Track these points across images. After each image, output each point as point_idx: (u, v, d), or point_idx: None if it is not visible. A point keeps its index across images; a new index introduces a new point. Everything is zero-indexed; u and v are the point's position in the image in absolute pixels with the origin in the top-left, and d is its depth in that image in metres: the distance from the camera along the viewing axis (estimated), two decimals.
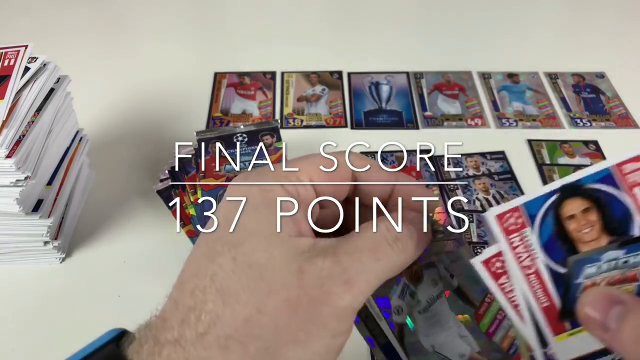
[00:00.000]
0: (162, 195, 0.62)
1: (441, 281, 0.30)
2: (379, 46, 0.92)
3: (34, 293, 0.56)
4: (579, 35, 0.96)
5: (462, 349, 0.29)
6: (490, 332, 0.29)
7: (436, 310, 0.30)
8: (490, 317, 0.29)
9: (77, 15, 0.99)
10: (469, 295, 0.29)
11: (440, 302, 0.30)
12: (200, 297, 0.24)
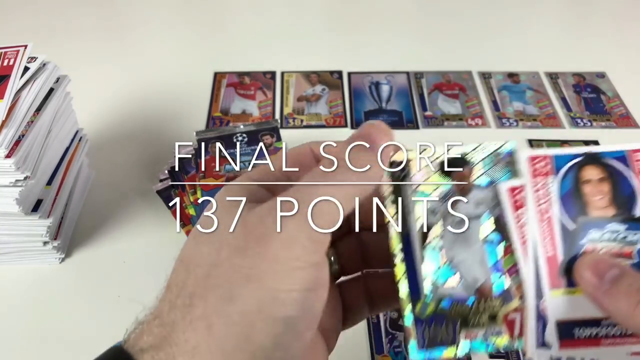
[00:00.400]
0: (162, 195, 0.62)
1: (485, 205, 0.29)
2: (379, 46, 0.92)
3: (33, 293, 0.56)
4: (579, 35, 0.96)
5: (478, 275, 0.29)
6: (511, 271, 0.29)
7: (469, 228, 0.29)
8: (517, 257, 0.28)
9: (77, 15, 0.99)
10: (505, 230, 0.29)
11: (475, 222, 0.29)
12: (172, 276, 0.27)
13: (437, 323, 0.28)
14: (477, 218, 0.29)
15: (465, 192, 0.30)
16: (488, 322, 0.28)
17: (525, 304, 0.28)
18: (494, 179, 0.29)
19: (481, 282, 0.29)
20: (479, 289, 0.29)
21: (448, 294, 0.29)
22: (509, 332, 0.28)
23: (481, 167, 0.30)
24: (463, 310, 0.28)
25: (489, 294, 0.28)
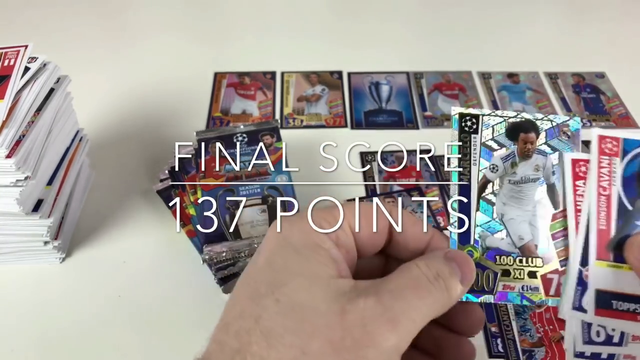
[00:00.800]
0: (162, 195, 0.62)
1: (543, 171, 0.32)
2: (379, 46, 0.92)
3: (34, 293, 0.56)
4: (579, 35, 0.96)
5: (524, 234, 0.31)
6: (555, 236, 0.31)
7: (524, 190, 0.32)
8: (563, 225, 0.31)
9: (77, 15, 0.99)
10: (556, 197, 0.31)
11: (531, 185, 0.32)
12: (245, 339, 0.25)
13: (480, 270, 0.30)
14: (533, 182, 0.32)
15: (527, 156, 0.32)
16: (527, 278, 0.30)
17: (567, 268, 0.30)
18: (556, 149, 0.32)
19: (526, 240, 0.31)
20: (524, 247, 0.31)
21: (495, 245, 0.31)
22: (544, 290, 0.30)
23: (546, 136, 0.32)
24: (506, 262, 0.31)
25: (532, 252, 0.31)
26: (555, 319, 0.53)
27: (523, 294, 0.30)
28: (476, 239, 0.31)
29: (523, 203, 0.32)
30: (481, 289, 0.30)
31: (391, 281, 0.26)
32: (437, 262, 0.27)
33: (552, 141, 0.32)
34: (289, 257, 0.26)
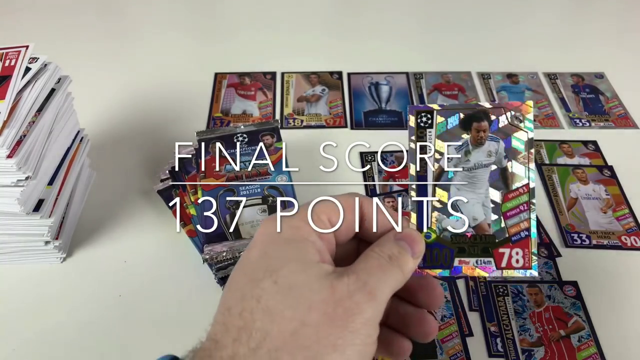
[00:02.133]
0: (162, 195, 0.63)
1: (495, 156, 0.35)
2: (379, 47, 0.92)
3: (34, 293, 0.56)
4: (578, 35, 0.97)
5: (478, 215, 0.34)
6: (506, 215, 0.34)
7: (477, 175, 0.35)
8: (514, 204, 0.34)
9: (78, 16, 1.00)
10: (509, 179, 0.34)
11: (484, 170, 0.35)
12: (248, 318, 0.28)
13: (438, 249, 0.34)
14: (485, 167, 0.35)
15: (480, 144, 0.35)
16: (480, 253, 0.34)
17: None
18: (507, 134, 0.35)
19: (480, 220, 0.34)
20: (477, 226, 0.34)
21: (451, 226, 0.34)
22: (496, 263, 0.34)
23: (498, 123, 0.35)
24: (462, 241, 0.34)
25: (486, 230, 0.34)
26: (555, 319, 0.53)
27: (476, 268, 0.34)
28: (434, 222, 0.34)
29: (476, 187, 0.35)
30: (439, 265, 0.34)
31: (361, 263, 0.31)
32: (388, 244, 0.32)
33: (504, 127, 0.35)
34: (281, 247, 0.30)
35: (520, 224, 0.34)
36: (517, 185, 0.34)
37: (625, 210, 0.64)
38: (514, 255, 0.34)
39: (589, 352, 0.51)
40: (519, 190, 0.34)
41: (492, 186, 0.35)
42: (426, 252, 0.34)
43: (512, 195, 0.34)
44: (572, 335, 0.52)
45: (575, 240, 0.61)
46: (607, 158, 0.70)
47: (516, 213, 0.34)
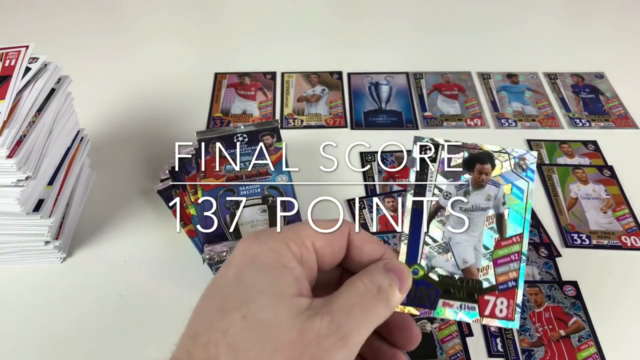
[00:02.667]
0: (162, 195, 0.63)
1: (494, 201, 0.34)
2: (379, 46, 0.92)
3: (34, 293, 0.56)
4: (578, 35, 0.97)
5: (468, 257, 0.34)
6: (497, 262, 0.34)
7: (473, 217, 0.34)
8: (505, 253, 0.34)
9: (78, 16, 1.00)
10: (504, 227, 0.34)
11: (480, 213, 0.34)
12: (213, 351, 0.27)
13: (424, 286, 0.33)
14: (483, 210, 0.34)
15: (480, 186, 0.35)
16: (466, 298, 0.33)
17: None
18: (509, 180, 0.34)
19: (470, 264, 0.34)
20: (467, 269, 0.34)
21: (440, 265, 0.34)
22: (480, 310, 0.33)
23: (501, 168, 0.35)
24: (448, 282, 0.33)
25: (474, 275, 0.34)
26: (555, 319, 0.53)
27: (461, 312, 0.33)
28: (423, 258, 0.33)
29: (471, 229, 0.34)
30: (422, 303, 0.33)
31: (341, 297, 0.29)
32: (378, 275, 0.30)
33: (507, 173, 0.34)
34: (256, 275, 0.29)
35: (509, 273, 0.34)
36: (510, 234, 0.34)
37: (625, 210, 0.64)
38: (499, 304, 0.33)
39: (589, 352, 0.51)
40: (512, 239, 0.34)
41: (486, 231, 0.34)
42: (411, 288, 0.33)
43: (505, 243, 0.34)
44: (572, 335, 0.52)
45: (575, 240, 0.61)
46: (607, 158, 0.71)
47: (506, 262, 0.34)
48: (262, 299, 0.28)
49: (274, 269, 0.29)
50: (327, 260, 0.32)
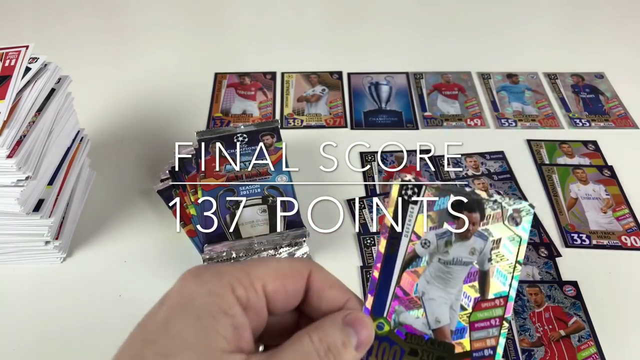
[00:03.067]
0: (162, 195, 0.63)
1: (478, 256, 0.30)
2: (379, 47, 0.92)
3: (34, 293, 0.56)
4: (578, 35, 0.97)
5: (442, 316, 0.30)
6: (474, 326, 0.30)
7: (453, 272, 0.30)
8: (485, 316, 0.30)
9: (78, 16, 1.00)
10: (487, 286, 0.30)
11: (462, 268, 0.30)
12: None
13: (388, 344, 0.29)
14: (465, 265, 0.30)
15: (464, 237, 0.30)
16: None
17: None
18: (498, 236, 0.30)
19: (443, 324, 0.30)
20: (438, 330, 0.29)
21: (408, 322, 0.29)
22: None
23: (491, 219, 0.30)
24: (416, 342, 0.29)
25: (447, 337, 0.29)
26: (555, 319, 0.53)
27: None
28: (391, 312, 0.29)
29: (449, 285, 0.30)
30: None
31: (282, 356, 0.25)
32: (331, 331, 0.26)
33: (496, 225, 0.30)
34: (186, 323, 0.25)
35: (486, 339, 0.29)
36: (494, 295, 0.30)
37: (625, 210, 0.64)
38: None
39: (589, 352, 0.51)
40: (494, 301, 0.30)
41: (465, 289, 0.30)
42: (373, 344, 0.28)
43: (486, 305, 0.30)
44: (572, 335, 0.52)
45: (575, 240, 0.61)
46: (607, 158, 0.71)
47: (485, 327, 0.29)
48: (185, 354, 0.24)
49: (209, 318, 0.25)
50: (279, 305, 0.28)
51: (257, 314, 0.27)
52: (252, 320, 0.26)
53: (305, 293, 0.28)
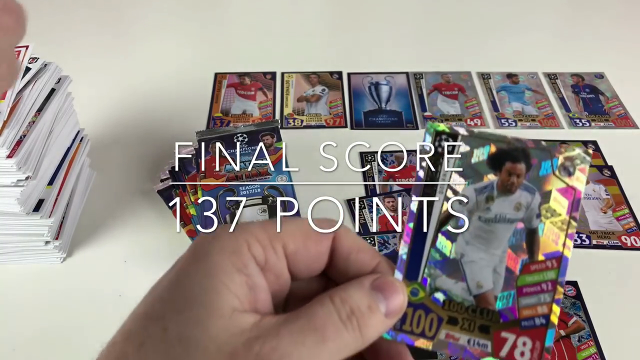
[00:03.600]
0: (162, 195, 0.63)
1: (525, 211, 0.27)
2: (379, 46, 0.92)
3: (34, 293, 0.56)
4: (578, 35, 0.97)
5: (484, 281, 0.27)
6: (522, 292, 0.26)
7: (496, 230, 0.27)
8: (536, 280, 0.26)
9: (78, 16, 1.00)
10: (535, 245, 0.26)
11: (506, 226, 0.27)
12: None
13: (423, 312, 0.26)
14: (510, 222, 0.27)
15: (509, 191, 0.27)
16: (477, 332, 0.26)
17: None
18: (548, 189, 0.26)
19: (485, 289, 0.26)
20: (480, 296, 0.26)
21: (446, 287, 0.27)
22: (494, 349, 0.26)
23: (539, 169, 0.27)
24: (455, 310, 0.26)
25: (490, 304, 0.26)
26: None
27: (467, 348, 0.26)
28: (425, 276, 0.27)
29: (491, 245, 0.27)
30: (420, 333, 0.26)
31: (299, 318, 0.23)
32: (357, 294, 0.24)
33: (546, 177, 0.26)
34: (197, 279, 0.23)
35: (537, 306, 0.26)
36: (544, 256, 0.26)
37: (625, 210, 0.64)
38: (520, 346, 0.26)
39: (589, 352, 0.51)
40: (546, 264, 0.26)
41: (512, 249, 0.27)
42: (406, 311, 0.26)
43: (536, 267, 0.26)
44: (572, 335, 0.52)
45: (575, 240, 0.61)
46: (607, 158, 0.70)
47: (536, 292, 0.26)
48: (193, 310, 0.22)
49: (222, 275, 0.23)
50: (302, 268, 0.25)
51: (277, 277, 0.25)
52: (272, 282, 0.25)
53: (330, 256, 0.26)
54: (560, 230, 0.26)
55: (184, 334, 0.22)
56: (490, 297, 0.26)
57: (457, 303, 0.26)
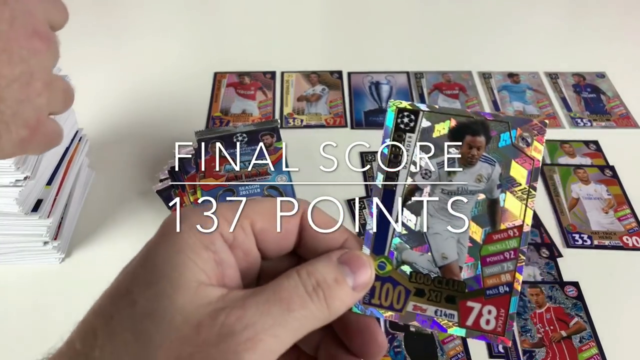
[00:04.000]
0: (162, 195, 0.62)
1: (486, 183, 0.27)
2: (379, 46, 0.92)
3: (33, 293, 0.56)
4: (579, 35, 0.96)
5: (449, 252, 0.27)
6: (485, 261, 0.27)
7: (459, 202, 0.28)
8: (498, 249, 0.27)
9: (77, 15, 0.99)
10: (497, 215, 0.27)
11: (468, 197, 0.28)
12: (89, 342, 0.23)
13: (391, 285, 0.27)
14: (471, 194, 0.27)
15: (470, 163, 0.27)
16: (444, 302, 0.27)
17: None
18: (507, 157, 0.27)
19: (450, 260, 0.27)
20: (446, 267, 0.27)
21: (412, 260, 0.27)
22: (461, 319, 0.27)
23: (498, 140, 0.27)
24: (422, 282, 0.27)
25: (455, 274, 0.27)
26: (556, 320, 0.53)
27: (435, 319, 0.27)
28: (392, 250, 0.27)
29: (454, 217, 0.27)
30: (389, 306, 0.27)
31: (265, 291, 0.23)
32: (324, 267, 0.25)
33: (505, 148, 0.27)
34: (165, 257, 0.24)
35: (501, 275, 0.27)
36: (507, 226, 0.27)
37: (626, 211, 0.64)
38: (485, 314, 0.26)
39: (591, 352, 0.51)
40: (507, 232, 0.27)
41: (474, 220, 0.27)
42: (374, 285, 0.27)
43: (498, 236, 0.27)
44: (573, 336, 0.52)
45: (577, 240, 0.60)
46: (608, 158, 0.70)
47: (499, 260, 0.27)
48: (161, 284, 0.23)
49: (189, 251, 0.23)
50: (271, 246, 0.26)
51: (245, 254, 0.25)
52: (240, 259, 0.25)
53: (300, 235, 0.27)
54: (520, 200, 0.27)
55: (151, 307, 0.22)
56: (455, 268, 0.27)
57: (423, 275, 0.27)
